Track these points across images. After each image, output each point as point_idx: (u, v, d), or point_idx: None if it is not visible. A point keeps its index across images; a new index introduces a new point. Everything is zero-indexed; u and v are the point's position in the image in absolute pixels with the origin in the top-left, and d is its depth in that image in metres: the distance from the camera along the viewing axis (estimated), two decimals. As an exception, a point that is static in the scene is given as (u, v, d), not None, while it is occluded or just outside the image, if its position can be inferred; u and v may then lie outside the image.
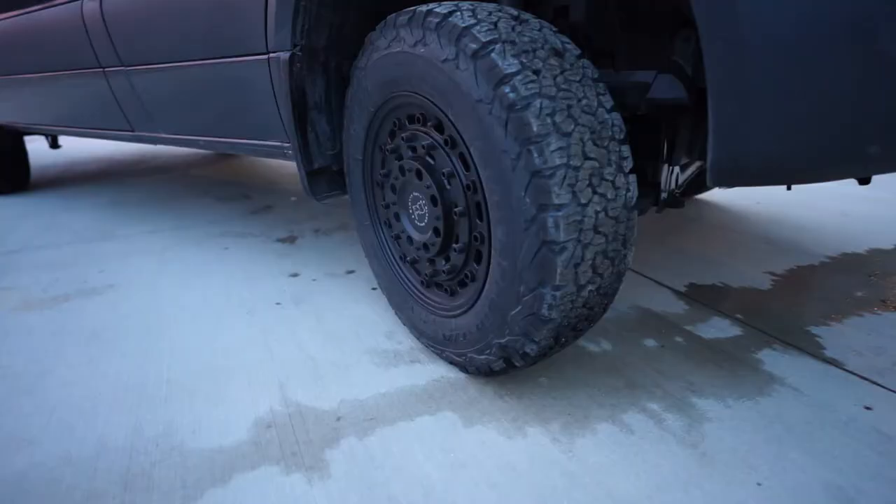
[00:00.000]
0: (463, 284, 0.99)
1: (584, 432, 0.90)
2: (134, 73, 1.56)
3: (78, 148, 4.33)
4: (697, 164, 1.30)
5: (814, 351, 1.10)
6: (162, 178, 3.19)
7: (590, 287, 0.82)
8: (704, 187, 2.03)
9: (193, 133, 1.54)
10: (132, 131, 1.79)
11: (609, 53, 1.11)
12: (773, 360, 1.07)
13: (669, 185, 1.19)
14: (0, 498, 0.82)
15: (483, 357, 0.95)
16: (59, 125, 2.19)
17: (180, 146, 1.69)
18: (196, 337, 1.26)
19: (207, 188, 2.82)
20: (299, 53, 1.08)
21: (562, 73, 0.76)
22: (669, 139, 1.12)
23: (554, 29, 0.83)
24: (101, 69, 1.66)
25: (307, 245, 1.85)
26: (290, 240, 1.91)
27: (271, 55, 1.12)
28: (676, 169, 1.20)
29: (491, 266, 0.86)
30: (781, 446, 0.85)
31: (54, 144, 3.03)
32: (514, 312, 0.84)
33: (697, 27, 0.65)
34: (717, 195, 2.20)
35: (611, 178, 0.77)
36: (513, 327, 0.85)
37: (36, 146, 3.94)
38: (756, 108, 0.66)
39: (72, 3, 1.60)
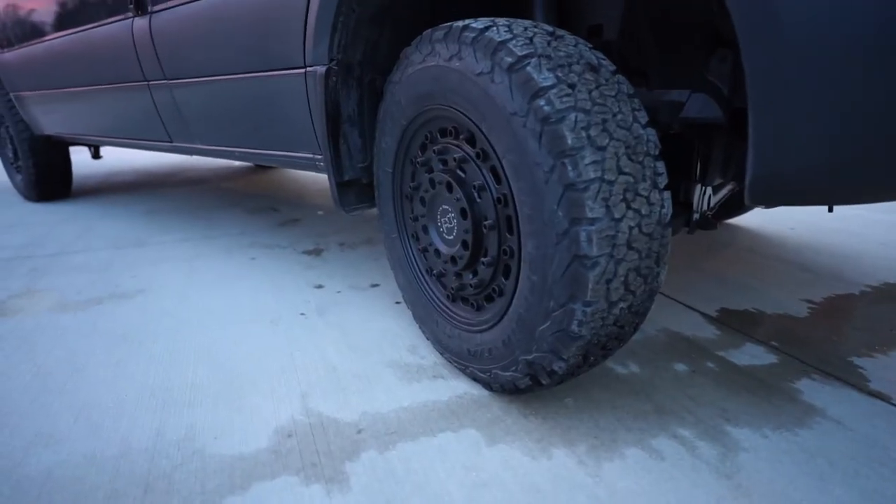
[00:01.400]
0: (490, 299, 0.98)
1: (612, 456, 0.87)
2: (176, 87, 1.62)
3: (117, 159, 4.50)
4: (730, 185, 1.27)
5: (857, 383, 1.05)
6: (194, 189, 3.28)
7: (621, 304, 0.80)
8: (736, 211, 1.98)
9: (229, 144, 1.58)
10: (170, 142, 1.85)
11: (642, 72, 1.11)
12: (813, 390, 1.03)
13: (701, 207, 1.17)
14: (26, 494, 0.82)
15: (508, 374, 0.93)
16: (103, 136, 2.28)
17: (215, 157, 1.74)
18: (221, 343, 1.27)
19: (237, 200, 2.89)
20: (335, 68, 1.10)
21: (597, 87, 0.76)
22: (703, 159, 1.10)
23: (589, 45, 0.83)
24: (145, 83, 1.73)
25: (333, 258, 1.86)
26: (316, 252, 1.93)
27: (308, 69, 1.15)
28: (709, 190, 1.18)
29: (520, 280, 0.85)
30: (825, 482, 0.80)
31: (96, 155, 3.15)
32: (542, 328, 0.82)
33: (739, 41, 0.64)
34: (749, 219, 2.14)
35: (645, 193, 0.76)
36: (541, 344, 0.84)
37: (77, 157, 4.10)
38: (799, 123, 0.64)
39: (123, 22, 1.68)
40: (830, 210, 1.40)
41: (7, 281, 1.75)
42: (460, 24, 0.86)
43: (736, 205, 1.90)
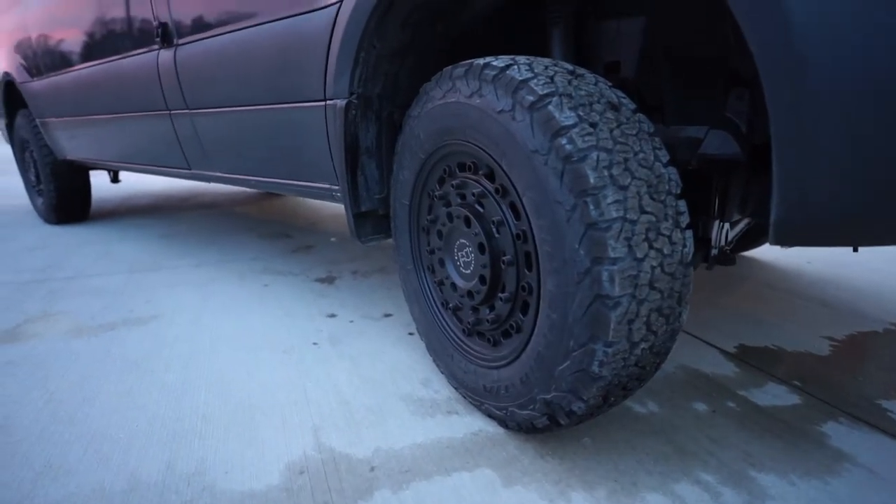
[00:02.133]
0: (507, 335, 0.96)
1: (633, 502, 0.84)
2: (197, 116, 1.65)
3: (134, 183, 4.58)
4: (747, 219, 1.26)
5: (888, 427, 1.01)
6: (208, 213, 3.32)
7: (643, 345, 0.78)
8: (752, 243, 1.96)
9: (246, 173, 1.61)
10: (189, 169, 1.88)
11: (659, 108, 1.11)
12: (841, 434, 0.99)
13: (720, 242, 1.15)
14: (33, 528, 0.81)
15: (525, 413, 0.91)
16: (124, 161, 2.33)
17: (232, 185, 1.76)
18: (233, 373, 1.26)
19: (251, 225, 2.91)
20: (355, 101, 1.12)
21: (618, 126, 0.76)
22: (721, 195, 1.10)
23: (609, 84, 0.83)
24: (167, 112, 1.77)
25: (345, 286, 1.86)
26: (329, 280, 1.93)
27: (328, 102, 1.17)
28: (727, 225, 1.17)
29: (539, 318, 0.84)
30: (858, 535, 0.77)
31: (115, 179, 3.21)
32: (561, 367, 0.81)
33: (762, 80, 0.64)
34: (765, 252, 2.12)
35: (667, 233, 0.75)
36: (560, 383, 0.82)
37: (96, 180, 4.18)
38: (825, 163, 0.64)
39: (149, 54, 1.73)
40: (855, 250, 1.38)
41: (25, 304, 1.76)
42: (481, 62, 0.87)
43: (752, 237, 1.88)
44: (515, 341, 0.93)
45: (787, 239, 0.70)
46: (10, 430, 1.06)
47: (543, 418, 0.88)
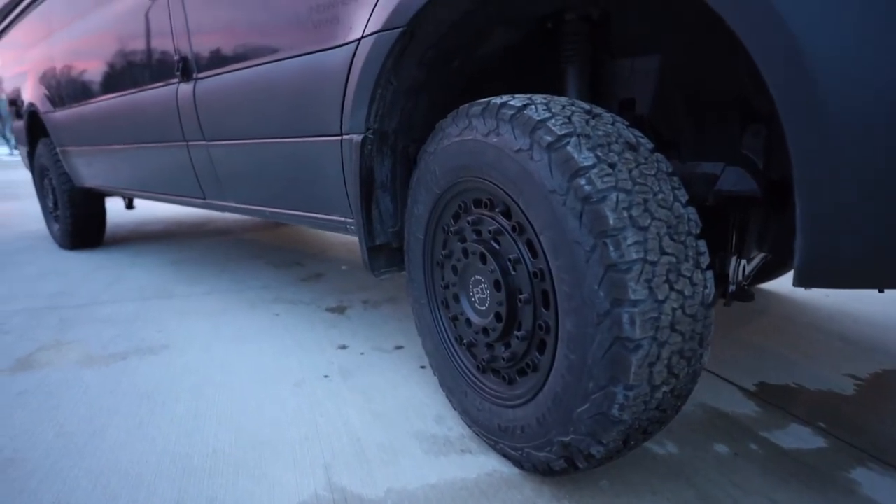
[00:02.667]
0: (523, 373, 0.95)
1: (656, 552, 0.81)
2: (214, 147, 1.68)
3: (147, 209, 4.65)
4: (763, 254, 1.24)
5: (919, 475, 0.98)
6: (220, 240, 3.35)
7: (664, 388, 0.76)
8: (768, 276, 1.94)
9: (261, 203, 1.62)
10: (204, 199, 1.90)
11: (674, 144, 1.11)
12: (872, 482, 0.95)
13: (737, 277, 1.14)
14: (38, 570, 0.79)
15: (542, 454, 0.89)
16: (140, 189, 2.36)
17: (246, 215, 1.78)
18: (244, 406, 1.25)
19: (261, 252, 2.93)
20: (371, 136, 1.13)
21: (637, 166, 0.76)
22: (738, 231, 1.09)
23: (626, 123, 0.83)
24: (184, 142, 1.80)
25: (356, 316, 1.85)
26: (340, 310, 1.92)
27: (344, 137, 1.19)
28: (744, 261, 1.15)
29: (556, 358, 0.82)
30: None
31: (129, 205, 3.25)
32: (580, 410, 0.79)
33: (783, 122, 0.63)
34: (781, 284, 2.09)
35: (688, 274, 0.74)
36: (578, 426, 0.80)
37: (110, 205, 4.25)
38: (851, 205, 0.63)
39: (169, 87, 1.77)
40: (881, 291, 1.35)
41: (37, 331, 1.77)
42: (498, 101, 0.88)
43: (768, 269, 1.86)
44: (532, 380, 0.92)
45: (812, 283, 0.69)
46: (19, 463, 1.05)
47: (561, 461, 0.86)
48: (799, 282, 0.71)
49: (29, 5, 2.69)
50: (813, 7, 0.59)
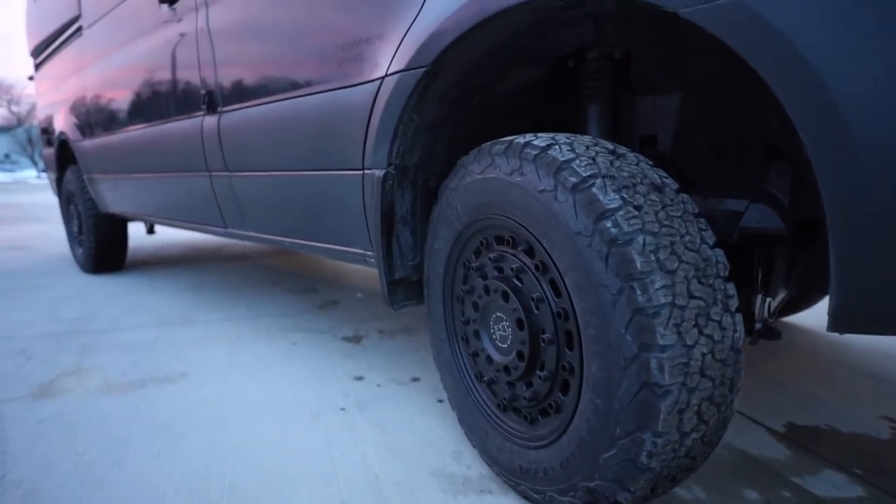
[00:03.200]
0: (545, 414, 0.93)
1: None
2: (236, 178, 1.71)
3: (166, 232, 4.73)
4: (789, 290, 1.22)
5: (964, 529, 0.93)
6: (237, 264, 3.39)
7: (694, 435, 0.74)
8: (792, 309, 1.89)
9: (281, 234, 1.64)
10: (225, 227, 1.93)
11: (695, 181, 1.11)
12: (913, 536, 0.91)
13: (763, 315, 1.12)
14: None
15: (566, 499, 0.86)
16: (162, 216, 2.41)
17: (266, 244, 1.80)
18: (260, 439, 1.24)
19: (278, 278, 2.95)
20: (393, 171, 1.15)
21: (663, 208, 0.75)
22: (764, 269, 1.07)
23: (650, 163, 0.83)
24: (207, 173, 1.84)
25: (372, 346, 1.84)
26: (356, 339, 1.92)
27: (366, 172, 1.20)
28: (769, 298, 1.13)
29: (581, 401, 0.81)
30: None
31: (151, 230, 3.32)
32: (606, 455, 0.77)
33: (814, 168, 0.63)
34: (806, 318, 2.04)
35: (717, 318, 0.73)
36: (604, 472, 0.78)
37: (131, 229, 4.34)
38: (888, 251, 0.61)
39: (194, 119, 1.82)
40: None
41: (59, 357, 1.79)
42: (521, 140, 0.89)
43: (792, 303, 1.82)
44: (555, 421, 0.90)
45: (847, 328, 0.67)
46: (38, 495, 1.05)
47: (586, 507, 0.83)
48: (834, 327, 0.69)
49: (66, 40, 2.81)
50: (845, 53, 0.59)
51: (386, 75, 1.11)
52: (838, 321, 0.68)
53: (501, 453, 1.01)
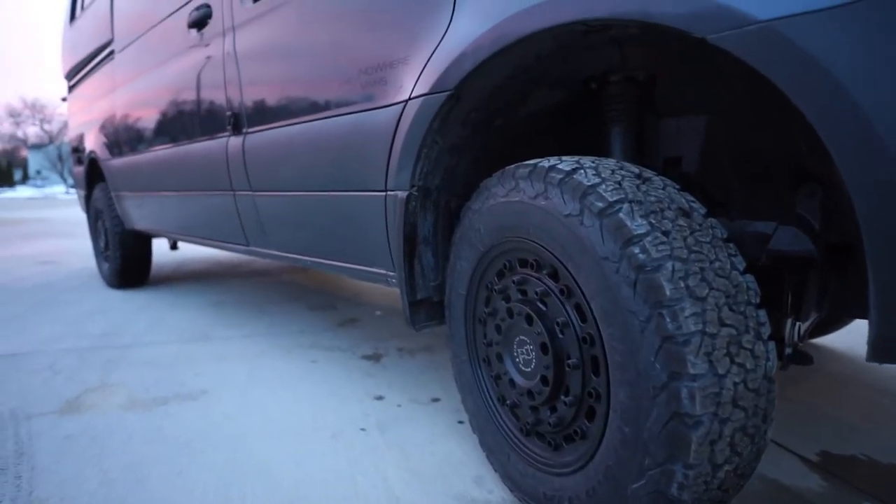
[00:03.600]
0: (570, 440, 0.91)
1: None
2: (260, 197, 1.74)
3: (188, 248, 4.81)
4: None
5: None
6: (258, 281, 3.43)
7: (727, 467, 0.72)
8: (822, 330, 1.84)
9: (303, 253, 1.66)
10: (247, 245, 1.96)
11: (722, 202, 1.09)
12: (961, 577, 0.86)
13: (793, 339, 1.08)
14: None
15: (593, 530, 0.84)
16: (186, 234, 2.46)
17: (288, 263, 1.82)
18: (280, 459, 1.24)
19: (298, 295, 2.98)
20: (416, 193, 1.15)
21: (691, 233, 0.74)
22: (794, 292, 1.04)
23: (677, 187, 0.83)
24: (231, 192, 1.88)
25: (391, 364, 1.84)
26: (376, 357, 1.92)
27: (389, 193, 1.21)
28: (799, 322, 1.10)
29: (608, 429, 0.79)
30: None
31: (174, 247, 3.38)
32: (635, 486, 0.75)
33: (853, 199, 0.61)
34: (837, 340, 1.98)
35: (749, 346, 0.71)
36: (633, 503, 0.76)
37: (154, 245, 4.44)
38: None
39: (220, 140, 1.87)
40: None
41: (84, 373, 1.82)
42: (546, 164, 0.88)
43: (823, 324, 1.77)
44: (580, 448, 0.88)
45: (889, 359, 0.65)
46: (63, 513, 1.06)
47: (613, 539, 0.81)
48: (873, 357, 0.67)
49: (99, 63, 2.92)
50: (879, 75, 0.58)
51: (410, 98, 1.12)
52: (878, 351, 0.65)
53: (525, 479, 0.99)
